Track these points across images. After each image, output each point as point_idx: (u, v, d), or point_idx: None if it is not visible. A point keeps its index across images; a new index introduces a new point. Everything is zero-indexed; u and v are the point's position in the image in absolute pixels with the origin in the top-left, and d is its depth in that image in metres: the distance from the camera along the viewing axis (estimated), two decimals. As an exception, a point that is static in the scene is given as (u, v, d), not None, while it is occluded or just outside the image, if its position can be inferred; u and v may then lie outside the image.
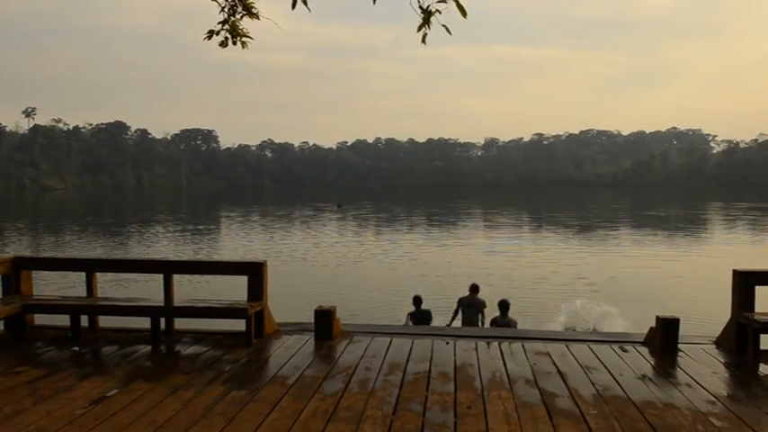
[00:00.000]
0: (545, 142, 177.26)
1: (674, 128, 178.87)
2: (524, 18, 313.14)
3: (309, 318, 6.21)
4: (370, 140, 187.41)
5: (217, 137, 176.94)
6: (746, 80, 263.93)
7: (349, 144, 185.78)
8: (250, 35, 4.69)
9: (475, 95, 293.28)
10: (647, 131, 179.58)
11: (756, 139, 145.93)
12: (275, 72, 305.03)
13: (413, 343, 5.79)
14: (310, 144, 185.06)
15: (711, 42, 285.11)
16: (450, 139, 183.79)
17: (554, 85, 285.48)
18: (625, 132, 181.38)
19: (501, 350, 5.59)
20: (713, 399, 4.37)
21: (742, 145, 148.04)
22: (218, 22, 4.59)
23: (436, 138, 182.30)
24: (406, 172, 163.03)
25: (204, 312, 6.07)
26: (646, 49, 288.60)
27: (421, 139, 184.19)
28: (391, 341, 5.85)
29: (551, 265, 20.09)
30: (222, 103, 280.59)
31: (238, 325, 5.88)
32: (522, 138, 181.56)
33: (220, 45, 4.60)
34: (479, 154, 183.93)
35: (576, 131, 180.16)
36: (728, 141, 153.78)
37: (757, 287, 5.70)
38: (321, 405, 4.16)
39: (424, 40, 3.51)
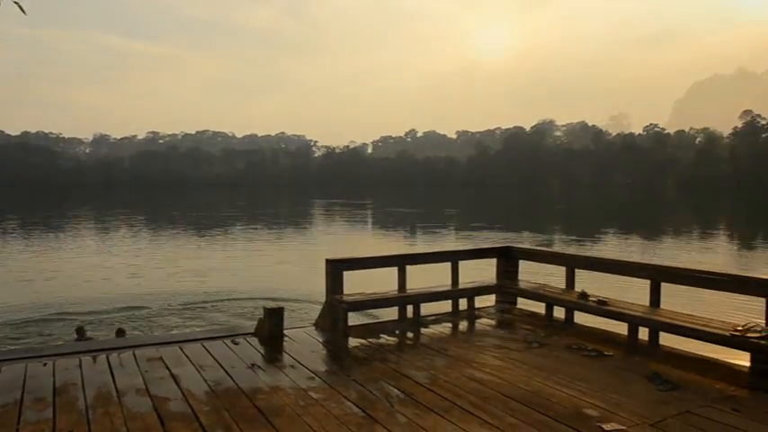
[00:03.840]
0: (161, 141, 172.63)
1: (283, 132, 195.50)
2: (138, 9, 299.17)
3: None
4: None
5: None
6: (340, 94, 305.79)
7: None
8: None
9: (82, 86, 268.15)
10: (260, 134, 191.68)
11: (348, 146, 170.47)
12: None
13: (-1, 371, 4.95)
14: None
15: (313, 59, 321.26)
16: (51, 133, 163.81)
17: (169, 83, 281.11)
18: (239, 135, 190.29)
19: (109, 363, 5.22)
20: (312, 375, 4.93)
21: (337, 150, 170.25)
22: None
23: (34, 131, 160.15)
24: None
25: None
26: (258, 59, 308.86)
27: (14, 132, 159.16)
28: (-31, 373, 4.88)
29: (170, 263, 19.74)
30: None
31: None
32: (136, 135, 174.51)
33: None
34: (88, 151, 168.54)
35: (193, 131, 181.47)
36: (327, 147, 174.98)
37: (345, 272, 6.65)
38: None
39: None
